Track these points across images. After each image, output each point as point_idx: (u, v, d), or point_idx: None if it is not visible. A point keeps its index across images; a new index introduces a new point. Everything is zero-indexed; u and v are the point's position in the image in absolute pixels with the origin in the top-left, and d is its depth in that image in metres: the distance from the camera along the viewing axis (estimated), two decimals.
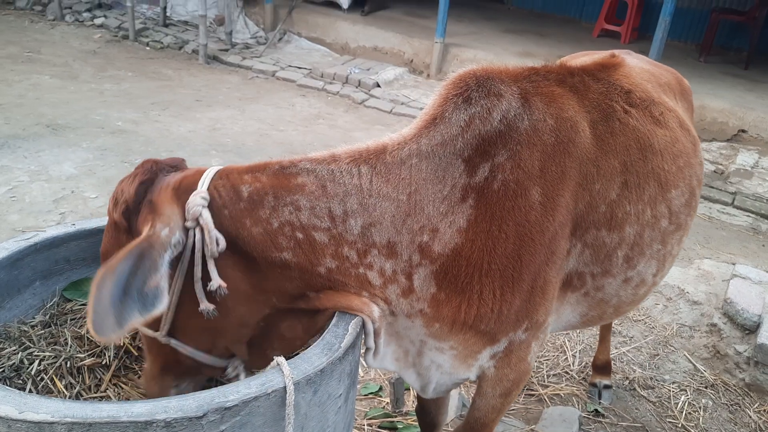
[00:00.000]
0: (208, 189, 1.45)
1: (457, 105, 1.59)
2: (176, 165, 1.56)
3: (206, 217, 1.40)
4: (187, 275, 1.44)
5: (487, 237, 1.58)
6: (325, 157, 1.54)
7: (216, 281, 1.40)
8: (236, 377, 1.57)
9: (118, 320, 1.25)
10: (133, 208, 1.44)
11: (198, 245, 1.41)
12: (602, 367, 3.29)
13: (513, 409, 3.12)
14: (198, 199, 1.40)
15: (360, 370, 3.25)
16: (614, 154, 1.84)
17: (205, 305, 1.43)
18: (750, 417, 3.23)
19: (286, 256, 1.48)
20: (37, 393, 1.57)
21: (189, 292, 1.44)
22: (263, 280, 1.50)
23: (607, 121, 1.86)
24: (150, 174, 1.48)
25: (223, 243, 1.41)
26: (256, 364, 1.60)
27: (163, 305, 1.31)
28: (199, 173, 1.49)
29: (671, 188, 2.00)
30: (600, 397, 3.26)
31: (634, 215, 1.89)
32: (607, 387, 3.28)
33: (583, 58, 2.48)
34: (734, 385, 3.43)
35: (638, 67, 2.25)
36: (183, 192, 1.44)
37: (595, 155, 1.79)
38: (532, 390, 3.29)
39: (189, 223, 1.41)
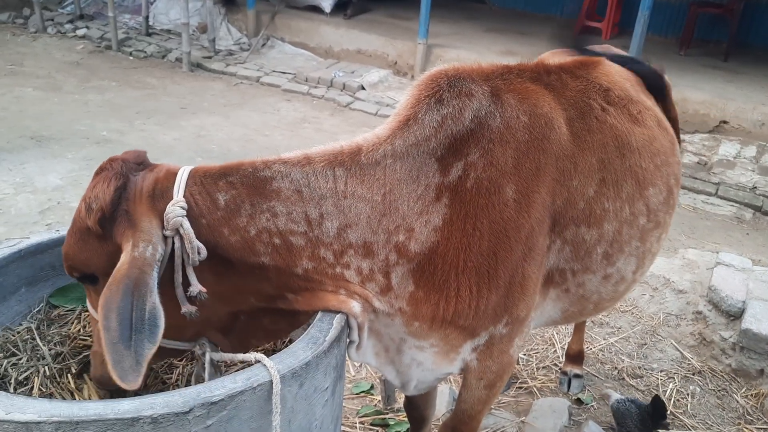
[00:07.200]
0: (184, 196, 1.45)
1: (430, 106, 1.60)
2: (141, 161, 1.54)
3: (187, 227, 1.41)
4: (163, 278, 1.44)
5: (462, 235, 1.59)
6: (300, 159, 1.54)
7: (196, 287, 1.43)
8: (203, 355, 1.58)
9: (137, 359, 1.27)
10: (109, 216, 1.43)
11: (177, 252, 1.43)
12: (575, 356, 3.31)
13: (503, 402, 3.15)
14: (177, 210, 1.41)
15: (352, 370, 3.26)
16: (591, 151, 1.84)
17: (188, 308, 1.45)
18: (737, 402, 3.28)
19: (263, 260, 1.50)
20: None
21: (164, 293, 1.41)
22: (240, 281, 1.53)
23: (584, 118, 1.87)
24: (122, 178, 1.46)
25: (204, 252, 1.43)
26: (237, 350, 1.62)
27: (163, 322, 1.32)
28: (171, 175, 1.49)
29: (649, 186, 2.01)
30: (569, 385, 3.27)
31: (613, 212, 1.90)
32: (577, 376, 3.29)
33: (563, 55, 2.49)
34: (721, 371, 3.47)
35: (617, 65, 2.26)
36: (158, 199, 1.45)
37: (572, 152, 1.79)
38: (522, 382, 3.32)
39: (168, 233, 1.42)
